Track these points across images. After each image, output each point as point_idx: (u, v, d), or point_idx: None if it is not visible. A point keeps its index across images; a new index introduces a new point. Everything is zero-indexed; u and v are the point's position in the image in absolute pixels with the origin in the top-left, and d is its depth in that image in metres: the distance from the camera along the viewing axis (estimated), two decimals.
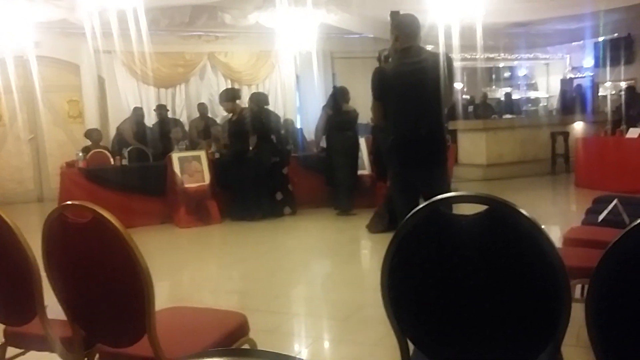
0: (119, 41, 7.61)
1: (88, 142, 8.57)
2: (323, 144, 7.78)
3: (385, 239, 4.67)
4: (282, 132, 8.02)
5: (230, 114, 7.29)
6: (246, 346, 2.00)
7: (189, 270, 5.09)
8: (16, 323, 2.07)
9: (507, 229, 1.26)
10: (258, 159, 6.99)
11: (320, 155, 7.67)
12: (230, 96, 7.26)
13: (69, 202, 1.79)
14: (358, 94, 11.16)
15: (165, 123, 8.97)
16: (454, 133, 9.93)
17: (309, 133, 10.63)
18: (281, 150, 7.38)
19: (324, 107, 7.70)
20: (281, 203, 7.28)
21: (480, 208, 1.30)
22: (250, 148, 6.98)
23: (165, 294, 4.11)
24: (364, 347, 3.03)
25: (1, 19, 7.34)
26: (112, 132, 9.52)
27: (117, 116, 9.72)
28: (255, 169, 6.96)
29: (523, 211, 1.24)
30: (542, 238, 1.23)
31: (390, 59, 3.59)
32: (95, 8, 6.72)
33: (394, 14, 3.46)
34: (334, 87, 8.10)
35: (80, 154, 7.21)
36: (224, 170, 7.15)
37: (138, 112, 9.12)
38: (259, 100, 7.43)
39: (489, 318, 1.32)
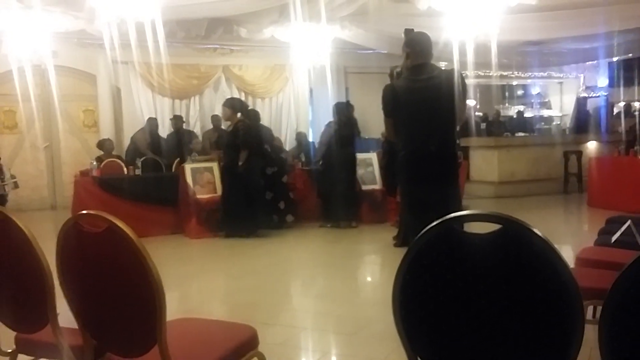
0: (136, 52, 7.73)
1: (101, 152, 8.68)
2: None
3: (394, 254, 4.65)
4: (274, 142, 8.06)
5: (228, 123, 7.24)
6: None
7: (198, 281, 5.10)
8: (28, 330, 2.08)
9: (520, 248, 1.26)
10: (247, 175, 6.75)
11: (319, 168, 7.64)
12: (232, 105, 7.04)
13: (84, 212, 1.79)
14: (371, 109, 11.20)
15: (181, 134, 9.05)
16: (466, 150, 9.93)
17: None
18: (276, 159, 7.37)
19: (330, 122, 7.70)
20: (284, 212, 7.28)
21: (492, 227, 1.30)
22: (240, 163, 6.70)
23: (175, 305, 4.11)
24: None
25: (20, 29, 7.49)
26: (127, 142, 9.62)
27: (132, 126, 9.84)
28: (245, 185, 6.75)
29: (537, 231, 1.24)
30: (556, 259, 1.22)
31: (401, 76, 3.62)
32: (114, 19, 6.84)
33: (408, 32, 3.49)
34: (347, 102, 8.19)
35: (95, 163, 7.29)
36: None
37: (152, 122, 9.22)
38: (252, 116, 7.39)
39: (501, 338, 1.32)
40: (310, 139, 10.78)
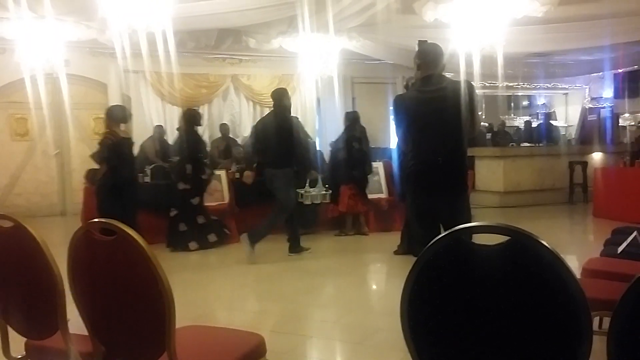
0: (147, 62, 7.81)
1: None
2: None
3: (400, 262, 4.63)
4: (205, 159, 7.00)
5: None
6: None
7: (205, 289, 5.11)
8: (38, 336, 2.10)
9: (528, 260, 1.27)
10: (98, 192, 5.74)
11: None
12: (110, 114, 5.84)
13: (95, 220, 1.83)
14: (377, 119, 11.27)
15: None
16: (471, 159, 9.94)
17: (328, 155, 10.74)
18: (194, 179, 6.60)
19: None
20: (186, 235, 6.57)
21: (500, 238, 1.32)
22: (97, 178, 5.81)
23: (182, 312, 4.12)
24: None
25: (33, 38, 7.60)
26: (136, 150, 9.69)
27: (142, 134, 9.89)
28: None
29: (545, 243, 1.25)
30: (564, 271, 1.23)
31: (411, 87, 3.65)
32: (125, 29, 6.92)
33: (421, 43, 3.52)
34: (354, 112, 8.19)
35: None
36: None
37: (159, 130, 9.30)
38: (191, 118, 6.77)
39: (510, 349, 1.33)
40: (317, 148, 10.82)
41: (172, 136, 9.68)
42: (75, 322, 1.96)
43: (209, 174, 6.83)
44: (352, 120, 7.45)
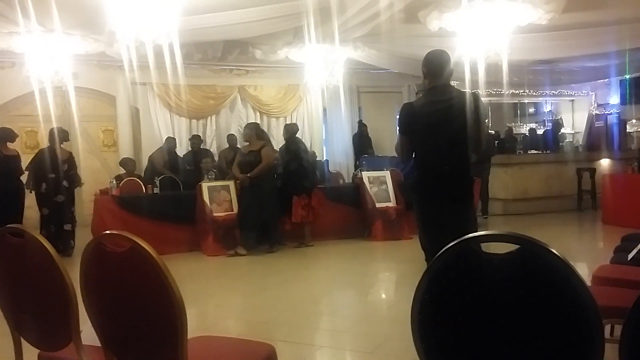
0: (154, 74, 7.88)
1: (121, 170, 8.80)
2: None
3: (409, 271, 4.60)
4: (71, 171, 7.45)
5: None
6: None
7: (215, 299, 5.13)
8: (51, 348, 2.09)
9: (539, 268, 1.27)
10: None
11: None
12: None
13: (108, 232, 1.83)
14: (383, 127, 11.29)
15: (198, 153, 9.18)
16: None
17: (334, 164, 10.77)
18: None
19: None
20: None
21: (510, 246, 1.32)
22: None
23: (192, 322, 4.13)
24: None
25: (42, 52, 7.70)
26: (145, 161, 9.76)
27: (150, 145, 9.97)
28: None
29: (555, 251, 1.26)
30: (574, 279, 1.23)
31: (420, 96, 3.64)
32: (132, 42, 7.00)
33: (429, 52, 3.49)
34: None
35: (114, 182, 7.39)
36: None
37: (170, 142, 9.36)
38: (50, 137, 7.18)
39: (521, 357, 1.33)
40: (324, 158, 10.88)
41: (181, 148, 9.80)
42: (88, 334, 1.97)
43: (45, 188, 7.10)
44: (291, 133, 7.52)
